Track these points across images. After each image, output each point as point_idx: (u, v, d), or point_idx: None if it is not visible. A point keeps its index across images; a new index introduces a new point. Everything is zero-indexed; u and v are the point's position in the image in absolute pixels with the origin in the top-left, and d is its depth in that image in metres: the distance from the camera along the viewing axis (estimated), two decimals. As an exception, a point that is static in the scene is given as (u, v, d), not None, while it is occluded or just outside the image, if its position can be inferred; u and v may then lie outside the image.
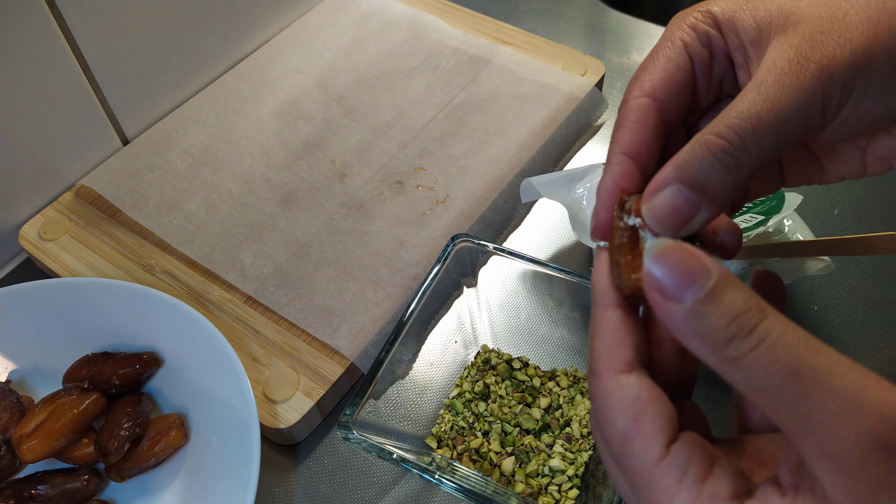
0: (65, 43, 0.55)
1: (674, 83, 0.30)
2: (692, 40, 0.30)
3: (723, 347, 0.22)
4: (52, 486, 0.44)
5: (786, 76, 0.25)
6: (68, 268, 0.56)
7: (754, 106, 0.25)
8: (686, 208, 0.25)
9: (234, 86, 0.68)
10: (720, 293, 0.22)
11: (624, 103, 0.30)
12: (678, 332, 0.23)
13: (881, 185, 0.62)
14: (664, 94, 0.29)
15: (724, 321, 0.22)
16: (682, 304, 0.22)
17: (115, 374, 0.47)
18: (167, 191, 0.60)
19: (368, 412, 0.43)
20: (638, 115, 0.29)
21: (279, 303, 0.53)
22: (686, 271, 0.22)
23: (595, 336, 0.26)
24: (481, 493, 0.39)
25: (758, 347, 0.21)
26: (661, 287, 0.23)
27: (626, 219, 0.27)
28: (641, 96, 0.29)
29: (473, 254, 0.49)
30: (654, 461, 0.23)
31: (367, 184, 0.60)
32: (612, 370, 0.25)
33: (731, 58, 0.30)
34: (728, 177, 0.25)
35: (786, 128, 0.25)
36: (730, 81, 0.31)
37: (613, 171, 0.28)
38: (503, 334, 0.51)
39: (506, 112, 0.64)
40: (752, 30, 0.28)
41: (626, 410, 0.24)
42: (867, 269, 0.56)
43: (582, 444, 0.46)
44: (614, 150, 0.29)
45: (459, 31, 0.72)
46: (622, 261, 0.26)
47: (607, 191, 0.28)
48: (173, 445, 0.46)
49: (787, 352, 0.21)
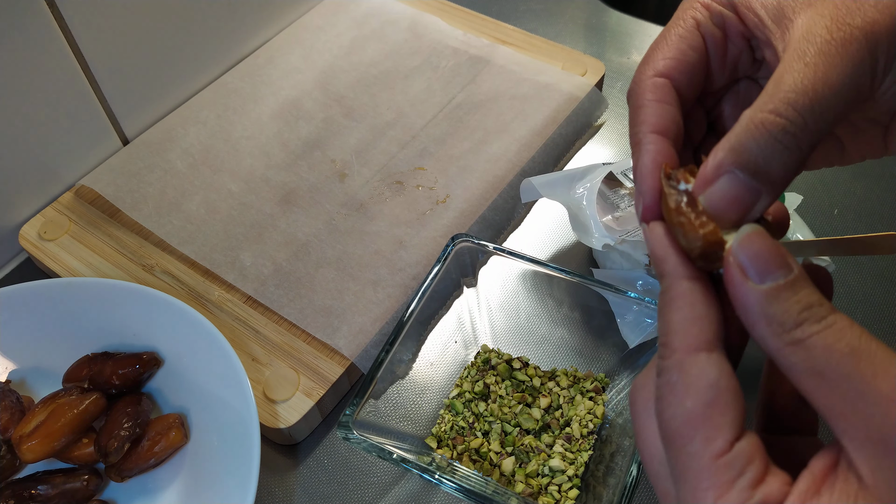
0: (65, 43, 0.55)
1: (688, 62, 0.29)
2: (705, 20, 0.29)
3: (790, 330, 0.22)
4: (52, 486, 0.44)
5: (828, 45, 0.24)
6: (68, 268, 0.56)
7: (807, 78, 0.23)
8: (747, 197, 0.24)
9: (234, 86, 0.68)
10: (798, 286, 0.22)
11: (637, 84, 0.29)
12: (747, 310, 0.23)
13: (881, 185, 0.62)
14: (678, 74, 0.28)
15: (798, 308, 0.22)
16: (760, 285, 0.22)
17: (115, 374, 0.47)
18: (167, 191, 0.60)
19: (368, 412, 0.43)
20: (657, 94, 0.28)
21: (279, 303, 0.53)
22: (770, 260, 0.22)
23: (672, 308, 0.25)
24: (481, 493, 0.39)
25: (824, 330, 0.22)
26: (743, 266, 0.23)
27: (675, 185, 0.26)
28: (655, 76, 0.28)
29: (473, 254, 0.49)
30: (715, 454, 0.23)
31: (367, 184, 0.60)
32: (691, 346, 0.24)
33: (749, 38, 0.29)
34: (790, 159, 0.24)
35: (841, 99, 0.24)
36: (746, 62, 0.30)
37: (649, 150, 0.27)
38: (503, 334, 0.51)
39: (506, 112, 0.64)
40: (773, 6, 0.27)
41: (700, 393, 0.23)
42: (867, 269, 0.56)
43: (582, 444, 0.46)
44: (642, 129, 0.27)
45: (459, 31, 0.72)
46: (684, 220, 0.25)
47: (649, 171, 0.27)
48: (173, 445, 0.46)
49: (852, 337, 0.21)
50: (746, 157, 0.24)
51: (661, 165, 0.27)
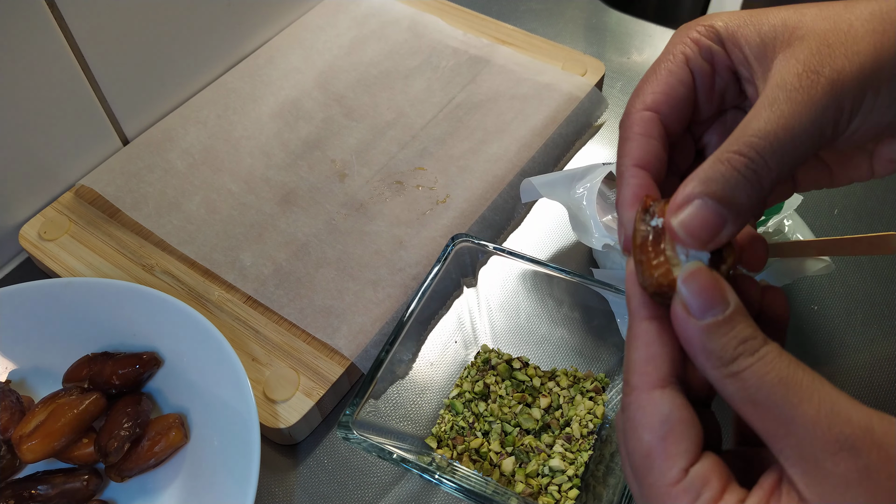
0: (65, 43, 0.55)
1: (676, 97, 0.30)
2: (694, 54, 0.30)
3: (727, 364, 0.24)
4: (52, 486, 0.44)
5: (797, 92, 0.26)
6: (68, 268, 0.56)
7: (770, 123, 0.25)
8: (714, 221, 0.26)
9: (234, 86, 0.68)
10: (734, 321, 0.24)
11: (627, 116, 0.30)
12: (689, 344, 0.25)
13: (881, 185, 0.62)
14: (666, 108, 0.30)
15: (734, 343, 0.24)
16: (700, 321, 0.25)
17: (115, 374, 0.47)
18: (167, 191, 0.60)
19: (368, 412, 0.43)
20: (643, 128, 0.30)
21: (279, 303, 0.53)
22: (710, 296, 0.25)
23: (632, 347, 0.27)
24: (481, 493, 0.39)
25: (756, 363, 0.24)
26: (685, 301, 0.25)
27: (648, 220, 0.28)
28: (644, 109, 0.30)
29: (473, 254, 0.49)
30: (671, 482, 0.25)
31: (367, 184, 0.60)
32: (647, 384, 0.26)
33: (736, 72, 0.31)
34: (752, 191, 0.26)
35: (801, 143, 0.26)
36: (733, 94, 0.32)
37: (630, 183, 0.29)
38: (503, 334, 0.51)
39: (506, 112, 0.64)
40: (757, 45, 0.29)
41: (654, 428, 0.25)
42: (867, 269, 0.56)
43: (582, 444, 0.46)
44: (626, 162, 0.30)
45: (459, 31, 0.72)
46: (644, 259, 0.27)
47: (629, 203, 0.29)
48: (173, 445, 0.46)
49: (780, 367, 0.24)
50: (713, 186, 0.26)
51: (641, 198, 0.28)
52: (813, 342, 0.52)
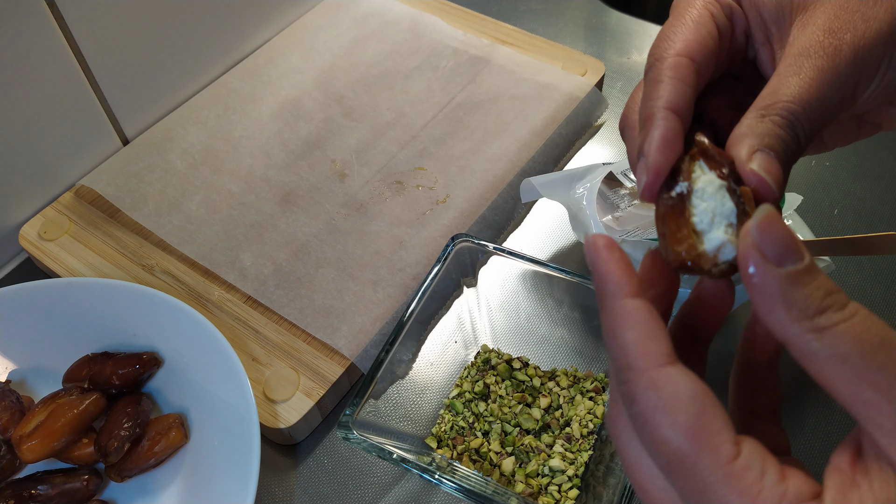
0: (65, 43, 0.55)
1: (707, 47, 0.29)
2: (717, 11, 0.29)
3: (814, 316, 0.22)
4: (52, 486, 0.44)
5: (822, 59, 0.26)
6: (68, 268, 0.56)
7: (801, 90, 0.26)
8: (778, 171, 0.25)
9: (234, 86, 0.68)
10: (815, 272, 0.22)
11: (659, 60, 0.28)
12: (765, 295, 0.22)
13: (881, 185, 0.62)
14: (700, 57, 0.28)
15: (821, 293, 0.22)
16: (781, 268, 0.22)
17: (115, 374, 0.47)
18: (167, 191, 0.60)
19: (368, 412, 0.43)
20: (678, 73, 0.28)
21: (279, 303, 0.53)
22: (789, 242, 0.22)
23: (623, 327, 0.24)
24: (481, 493, 0.39)
25: (851, 318, 0.22)
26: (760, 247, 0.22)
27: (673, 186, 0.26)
28: (678, 55, 0.28)
29: (473, 254, 0.49)
30: (728, 459, 0.22)
31: (367, 184, 0.60)
32: (655, 363, 0.23)
33: (749, 34, 0.30)
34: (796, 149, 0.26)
35: (829, 108, 0.26)
36: (740, 56, 0.31)
37: (661, 125, 0.27)
38: (503, 334, 0.51)
39: (506, 112, 0.64)
40: (774, 6, 0.29)
41: (687, 406, 0.22)
42: (867, 269, 0.56)
43: (582, 444, 0.46)
44: (657, 104, 0.27)
45: (459, 31, 0.72)
46: (667, 231, 0.26)
47: (660, 145, 0.27)
48: (173, 445, 0.46)
49: (879, 326, 0.22)
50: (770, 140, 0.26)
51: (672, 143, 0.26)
52: (813, 342, 0.52)
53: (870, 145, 0.64)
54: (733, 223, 0.25)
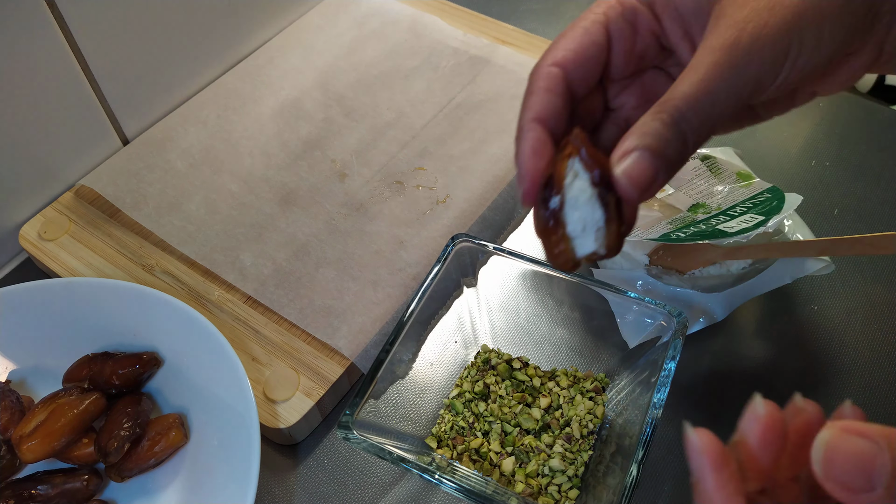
0: (65, 43, 0.55)
1: (585, 56, 0.31)
2: (616, 15, 0.31)
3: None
4: (52, 486, 0.44)
5: (718, 53, 0.26)
6: (68, 268, 0.56)
7: (692, 87, 0.26)
8: (650, 172, 0.26)
9: (234, 86, 0.68)
10: None
11: (535, 70, 0.31)
12: None
13: (881, 185, 0.62)
14: (573, 66, 0.30)
15: None
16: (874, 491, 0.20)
17: (115, 374, 0.47)
18: (167, 191, 0.60)
19: (368, 412, 0.43)
20: (547, 83, 0.30)
21: (279, 303, 0.53)
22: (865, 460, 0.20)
23: None
24: (481, 493, 0.39)
25: None
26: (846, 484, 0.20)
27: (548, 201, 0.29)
28: (551, 65, 0.30)
29: (473, 254, 0.49)
30: None
31: (367, 184, 0.60)
32: None
33: (660, 34, 0.31)
34: (681, 147, 0.27)
35: (721, 103, 0.26)
36: (653, 55, 0.32)
37: (528, 136, 0.30)
38: (503, 334, 0.51)
39: (506, 112, 0.64)
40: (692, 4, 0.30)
41: None
42: (867, 269, 0.56)
43: (582, 444, 0.46)
44: (526, 116, 0.30)
45: (459, 31, 0.72)
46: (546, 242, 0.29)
47: (529, 155, 0.29)
48: (173, 445, 0.46)
49: None
50: (649, 140, 0.27)
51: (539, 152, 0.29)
52: (813, 342, 0.52)
53: (870, 145, 0.64)
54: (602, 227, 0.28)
